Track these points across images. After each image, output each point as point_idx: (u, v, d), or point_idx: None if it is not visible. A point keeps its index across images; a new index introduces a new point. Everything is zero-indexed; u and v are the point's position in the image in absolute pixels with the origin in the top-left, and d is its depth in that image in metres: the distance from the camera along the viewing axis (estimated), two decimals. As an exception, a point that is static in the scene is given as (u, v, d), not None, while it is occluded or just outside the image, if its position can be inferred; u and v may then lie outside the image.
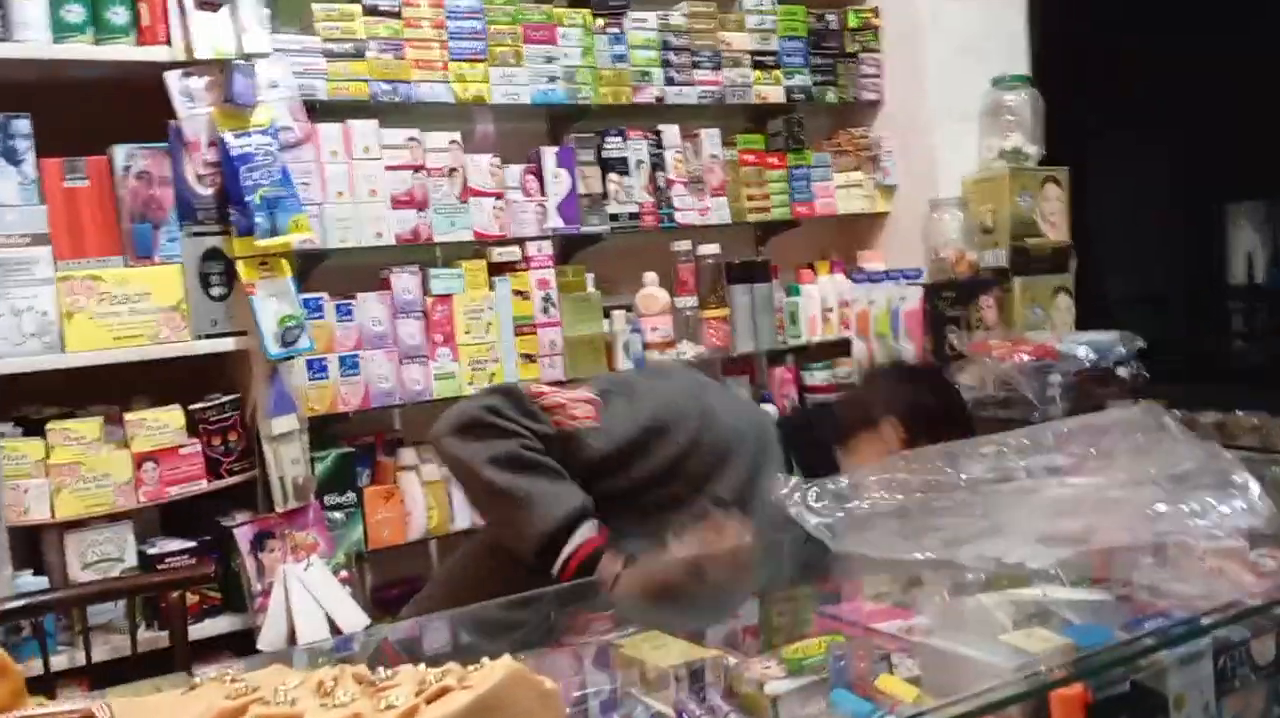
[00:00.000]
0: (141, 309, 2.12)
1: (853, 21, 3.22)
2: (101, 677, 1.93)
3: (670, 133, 2.90)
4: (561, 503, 1.53)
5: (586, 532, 1.53)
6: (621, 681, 1.12)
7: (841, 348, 3.11)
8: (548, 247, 2.65)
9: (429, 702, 0.76)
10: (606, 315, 2.76)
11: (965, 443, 1.54)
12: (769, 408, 2.96)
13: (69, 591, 2.02)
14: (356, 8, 2.48)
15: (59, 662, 2.04)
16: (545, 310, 2.62)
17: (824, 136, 3.29)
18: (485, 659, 0.82)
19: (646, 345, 2.79)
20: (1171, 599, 1.20)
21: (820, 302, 3.13)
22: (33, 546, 2.10)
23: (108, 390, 2.19)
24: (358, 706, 0.78)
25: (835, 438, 1.78)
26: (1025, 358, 2.60)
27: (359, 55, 2.46)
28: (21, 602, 1.85)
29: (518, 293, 2.58)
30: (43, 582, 2.07)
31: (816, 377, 3.14)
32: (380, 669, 0.84)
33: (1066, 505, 1.43)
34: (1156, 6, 3.39)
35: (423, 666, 0.84)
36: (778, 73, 3.08)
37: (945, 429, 1.60)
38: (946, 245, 3.07)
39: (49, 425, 2.07)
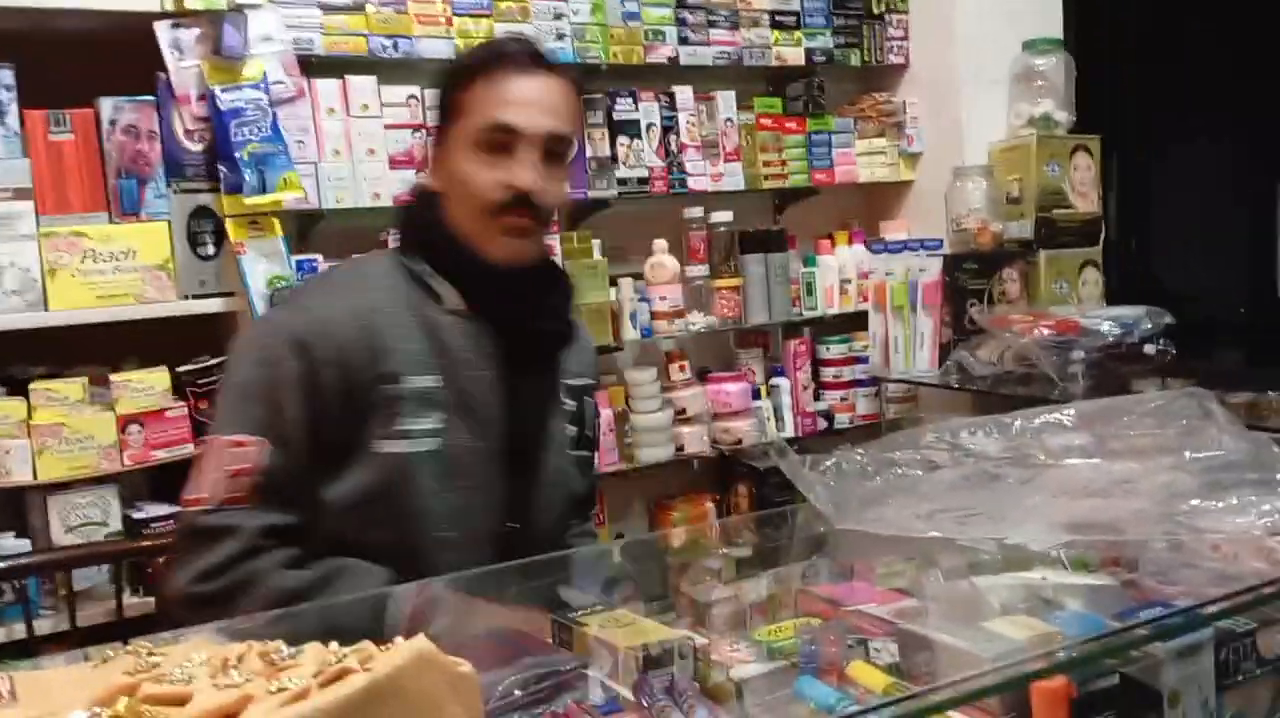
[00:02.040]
0: (127, 268, 2.07)
1: (879, -19, 3.10)
2: (86, 642, 1.89)
3: (684, 95, 2.81)
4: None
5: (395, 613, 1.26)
6: (579, 661, 1.05)
7: (859, 321, 3.01)
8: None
9: (324, 684, 0.70)
10: (613, 283, 2.68)
11: (982, 419, 1.47)
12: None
13: (52, 554, 1.98)
14: (357, -40, 2.40)
15: (43, 626, 2.01)
16: (548, 276, 2.54)
17: (846, 101, 3.17)
18: (398, 639, 0.75)
19: (654, 315, 2.71)
20: (1178, 588, 1.12)
21: (838, 273, 3.03)
22: (15, 508, 2.07)
23: (94, 351, 2.15)
24: (250, 686, 0.72)
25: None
26: (1046, 333, 2.49)
27: (358, 8, 2.38)
28: (3, 564, 1.82)
29: (520, 257, 2.51)
30: (25, 544, 2.04)
31: (832, 350, 3.05)
32: (284, 647, 0.77)
33: (1080, 489, 1.36)
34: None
35: (334, 644, 0.77)
36: (798, 33, 2.98)
37: None
38: (969, 215, 2.96)
39: (32, 385, 2.03)
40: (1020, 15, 3.06)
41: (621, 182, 2.72)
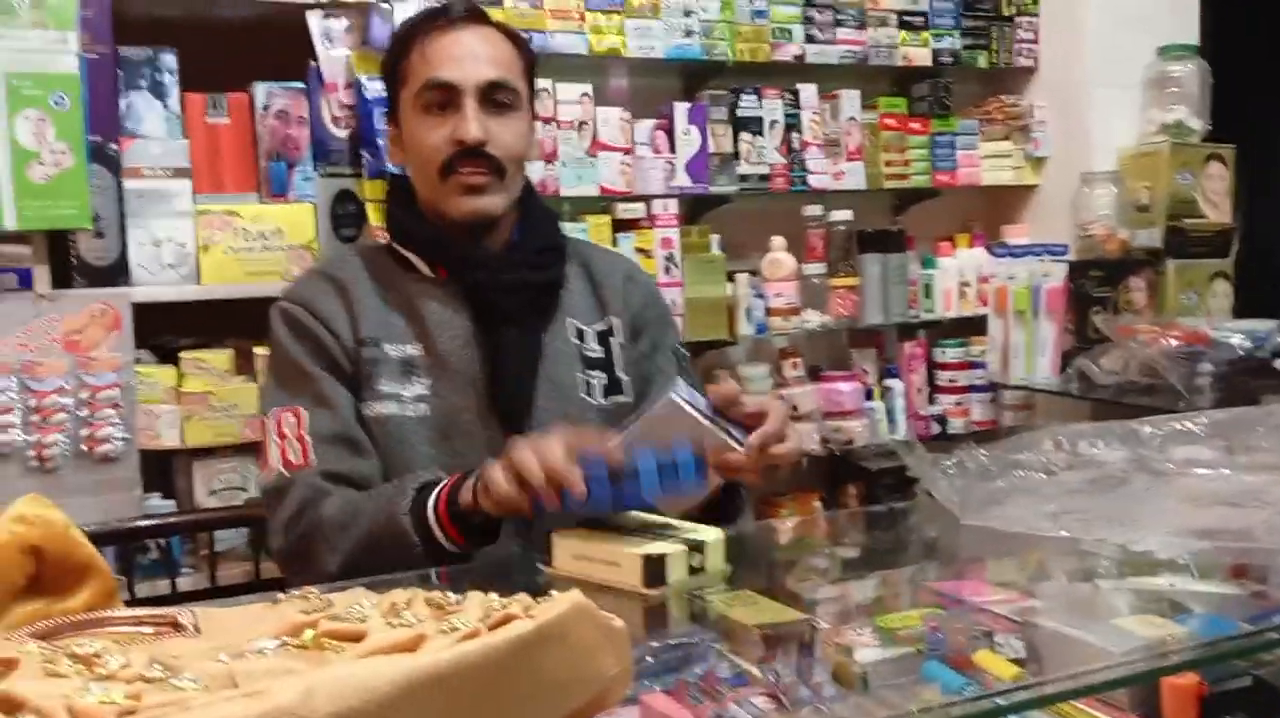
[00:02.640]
0: (274, 246, 2.18)
1: (1010, -17, 3.07)
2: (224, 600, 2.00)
3: (808, 93, 2.82)
4: (398, 501, 1.31)
5: (429, 490, 1.30)
6: (707, 635, 1.09)
7: (977, 325, 2.99)
8: (674, 205, 2.61)
9: (491, 628, 0.75)
10: (730, 278, 2.71)
11: (1108, 425, 1.46)
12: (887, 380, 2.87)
13: (194, 515, 2.10)
14: (496, -44, 2.48)
15: (185, 583, 2.12)
16: (667, 270, 2.59)
17: (971, 103, 3.15)
18: (554, 592, 0.80)
19: (769, 311, 2.73)
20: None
21: (958, 275, 3.01)
22: (163, 470, 2.19)
23: (239, 324, 2.26)
24: (423, 627, 0.77)
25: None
26: (1173, 344, 2.44)
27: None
28: (150, 523, 1.94)
29: (641, 250, 2.56)
30: (170, 505, 2.16)
31: (949, 354, 3.03)
32: (450, 594, 0.82)
33: (1209, 497, 1.34)
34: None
35: (494, 595, 0.82)
36: (926, 34, 2.97)
37: None
38: (1096, 222, 2.91)
39: (182, 355, 2.15)
40: (1154, 20, 3.00)
41: (742, 178, 2.75)
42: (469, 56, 1.43)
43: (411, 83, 1.45)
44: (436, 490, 1.29)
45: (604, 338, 1.54)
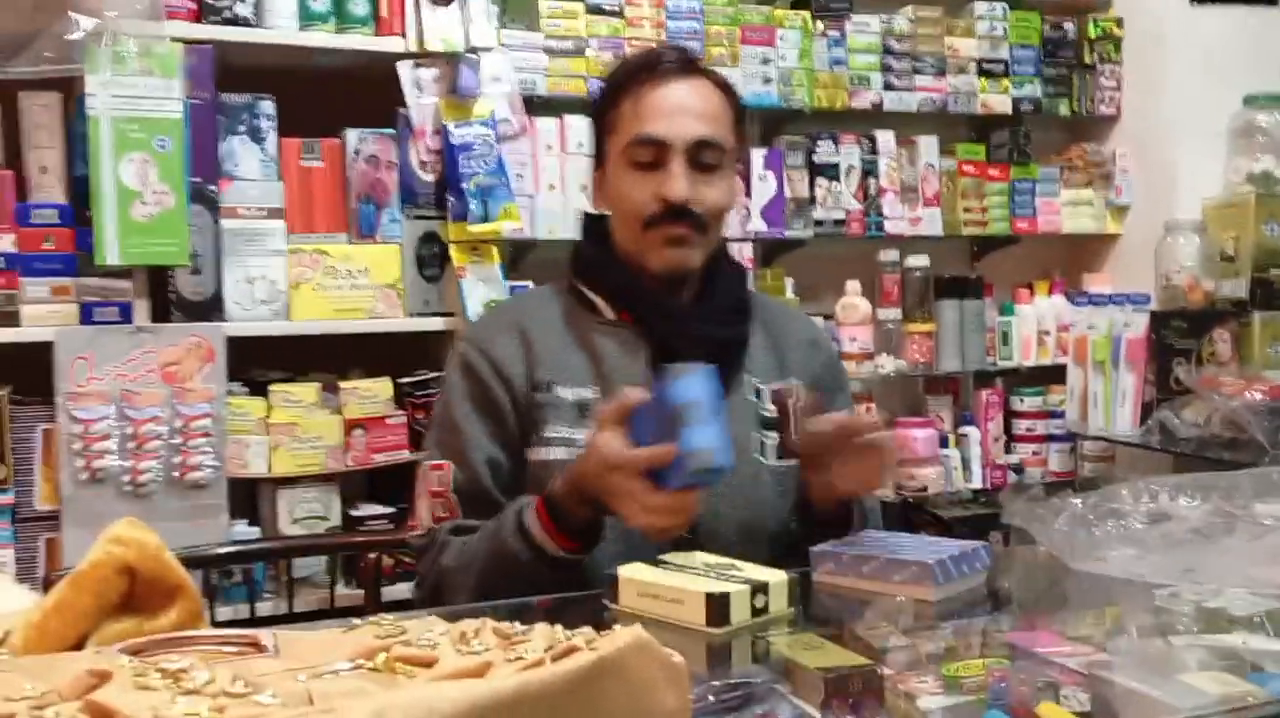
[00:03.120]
0: (361, 284, 2.26)
1: (1092, 31, 3.06)
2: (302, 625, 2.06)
3: (885, 139, 2.84)
4: (504, 526, 1.36)
5: (531, 510, 1.34)
6: (769, 677, 1.10)
7: (1056, 374, 2.95)
8: (749, 248, 2.64)
9: (555, 659, 0.77)
10: (805, 322, 2.72)
11: (1192, 477, 1.44)
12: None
13: (278, 542, 2.17)
14: (580, 6, 2.55)
15: (264, 608, 2.18)
16: (742, 312, 2.61)
17: (1053, 150, 3.13)
18: (617, 627, 0.82)
19: (844, 355, 2.73)
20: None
21: (1036, 323, 2.99)
22: (250, 498, 2.27)
23: (326, 358, 2.34)
24: (490, 655, 0.80)
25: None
26: (1258, 397, 2.39)
27: (579, 52, 2.53)
28: (235, 548, 2.00)
29: (716, 293, 2.59)
30: (255, 532, 2.23)
31: (1026, 403, 3.00)
32: (518, 624, 0.85)
33: (1288, 554, 1.32)
34: None
35: (559, 627, 0.85)
36: (1006, 81, 2.97)
37: None
38: (1180, 272, 2.87)
39: (272, 387, 2.23)
40: (1239, 69, 2.96)
41: (818, 223, 2.77)
42: (679, 111, 1.42)
43: (620, 133, 1.45)
44: (533, 502, 1.34)
45: (782, 398, 1.53)
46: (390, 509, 2.31)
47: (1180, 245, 2.89)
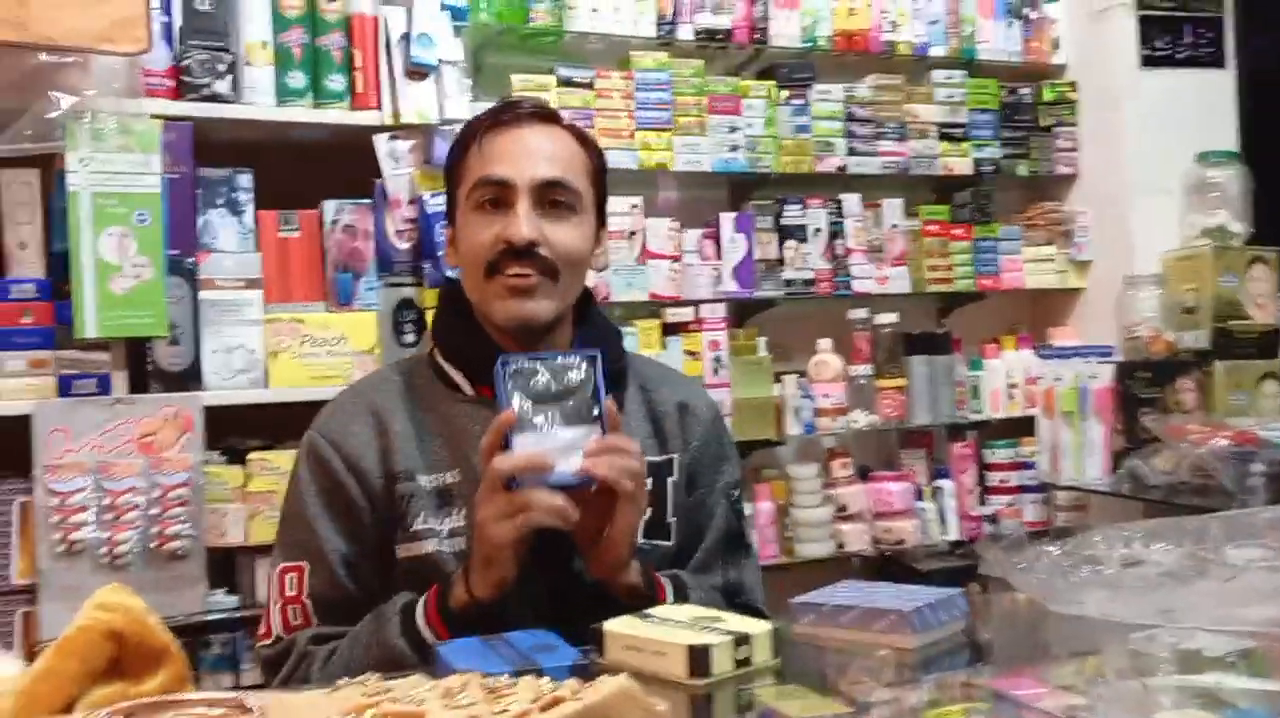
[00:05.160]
0: (339, 351, 2.28)
1: (1048, 95, 3.16)
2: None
3: (851, 201, 2.91)
4: (372, 633, 1.28)
5: (413, 608, 1.27)
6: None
7: (1026, 426, 3.00)
8: (721, 309, 2.69)
9: (542, 710, 0.79)
10: (777, 380, 2.76)
11: (1164, 522, 1.46)
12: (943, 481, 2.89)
13: (257, 611, 2.15)
14: (551, 79, 2.61)
15: (246, 678, 2.17)
16: (715, 371, 2.65)
17: (1014, 210, 3.22)
18: (602, 677, 0.84)
19: (818, 412, 2.77)
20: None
21: (1005, 376, 3.04)
22: (227, 567, 2.26)
23: (304, 426, 2.33)
24: (477, 709, 0.82)
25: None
26: (1224, 443, 2.44)
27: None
28: (214, 617, 2.00)
29: (689, 353, 2.63)
30: (234, 601, 2.22)
31: (999, 454, 3.04)
32: (505, 678, 0.87)
33: (1259, 595, 1.35)
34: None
35: (545, 679, 0.87)
36: (966, 145, 3.05)
37: None
38: (1142, 324, 2.94)
39: (250, 456, 2.23)
40: (1192, 127, 3.05)
41: (788, 283, 2.82)
42: (526, 154, 1.35)
43: (467, 180, 1.38)
44: (422, 602, 1.26)
45: (659, 473, 1.43)
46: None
47: (1141, 298, 2.96)
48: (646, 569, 1.34)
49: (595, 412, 1.24)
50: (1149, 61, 3.07)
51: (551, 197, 1.35)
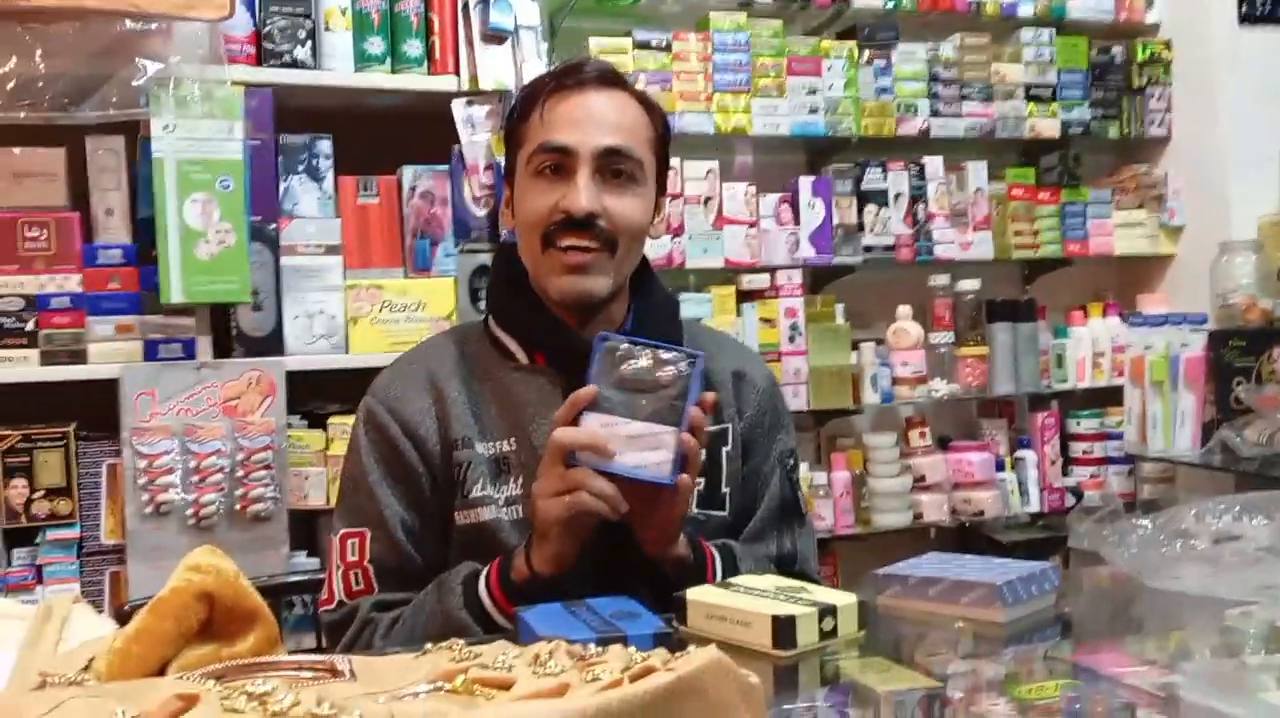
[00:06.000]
0: (417, 318, 2.29)
1: (1140, 54, 3.05)
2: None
3: (933, 164, 2.84)
4: (436, 602, 1.28)
5: (475, 580, 1.27)
6: (836, 700, 1.10)
7: (1112, 396, 2.92)
8: (798, 275, 2.65)
9: (633, 679, 0.78)
10: (855, 347, 2.72)
11: (1258, 495, 1.41)
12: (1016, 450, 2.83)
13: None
14: (628, 41, 2.58)
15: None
16: (791, 339, 2.62)
17: (1103, 173, 3.12)
18: (692, 647, 0.83)
19: (895, 380, 2.73)
20: None
21: (1091, 345, 2.96)
22: (309, 529, 2.29)
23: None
24: (566, 676, 0.81)
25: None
26: (1323, 415, 2.35)
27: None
28: (296, 579, 2.03)
29: (765, 320, 2.60)
30: (315, 563, 2.25)
31: (1083, 425, 2.97)
32: (593, 647, 0.86)
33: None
34: None
35: (633, 649, 0.86)
36: (1054, 106, 2.96)
37: None
38: (1237, 291, 2.83)
39: (330, 419, 2.26)
40: (1292, 88, 2.94)
41: (867, 248, 2.77)
42: (590, 121, 1.31)
43: (528, 144, 1.34)
44: (484, 575, 1.26)
45: (714, 443, 1.39)
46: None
47: (1236, 265, 2.86)
48: (695, 539, 1.32)
49: (680, 412, 1.21)
50: (1248, 19, 2.94)
51: (613, 165, 1.32)
